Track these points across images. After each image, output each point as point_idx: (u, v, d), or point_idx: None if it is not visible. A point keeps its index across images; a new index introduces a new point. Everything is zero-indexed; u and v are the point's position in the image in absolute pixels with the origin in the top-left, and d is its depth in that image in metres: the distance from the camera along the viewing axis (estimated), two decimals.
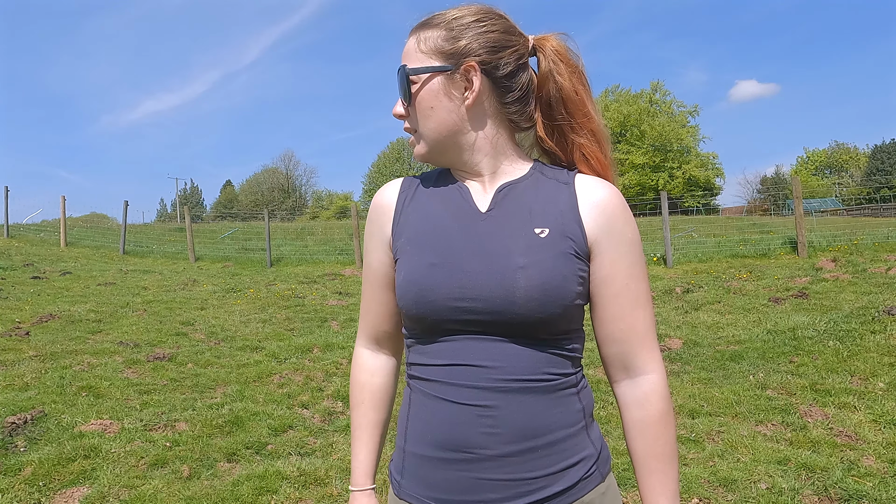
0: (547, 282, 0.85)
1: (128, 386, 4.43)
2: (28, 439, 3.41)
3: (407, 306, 0.90)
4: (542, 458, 0.85)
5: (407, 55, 0.95)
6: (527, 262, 0.85)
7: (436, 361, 0.90)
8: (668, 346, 5.58)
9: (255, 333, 6.44)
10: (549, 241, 0.88)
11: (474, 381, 0.86)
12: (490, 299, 0.85)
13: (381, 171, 54.96)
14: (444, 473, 0.87)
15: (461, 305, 0.86)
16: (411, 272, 0.90)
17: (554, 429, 0.87)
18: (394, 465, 0.98)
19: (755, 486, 2.88)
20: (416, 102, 0.94)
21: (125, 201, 15.29)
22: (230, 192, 68.13)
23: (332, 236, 18.63)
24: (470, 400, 0.86)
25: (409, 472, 0.92)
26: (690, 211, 37.97)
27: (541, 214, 0.91)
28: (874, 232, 11.03)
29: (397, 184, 1.02)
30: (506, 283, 0.84)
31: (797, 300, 6.66)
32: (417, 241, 0.93)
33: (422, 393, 0.92)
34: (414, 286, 0.89)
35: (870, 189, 42.32)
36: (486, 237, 0.90)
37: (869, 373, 4.24)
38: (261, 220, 20.41)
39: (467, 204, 0.94)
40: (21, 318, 6.56)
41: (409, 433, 0.93)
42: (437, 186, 0.99)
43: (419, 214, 0.96)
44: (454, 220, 0.93)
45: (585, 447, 0.90)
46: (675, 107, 46.03)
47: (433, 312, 0.87)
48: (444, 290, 0.86)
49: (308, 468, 3.22)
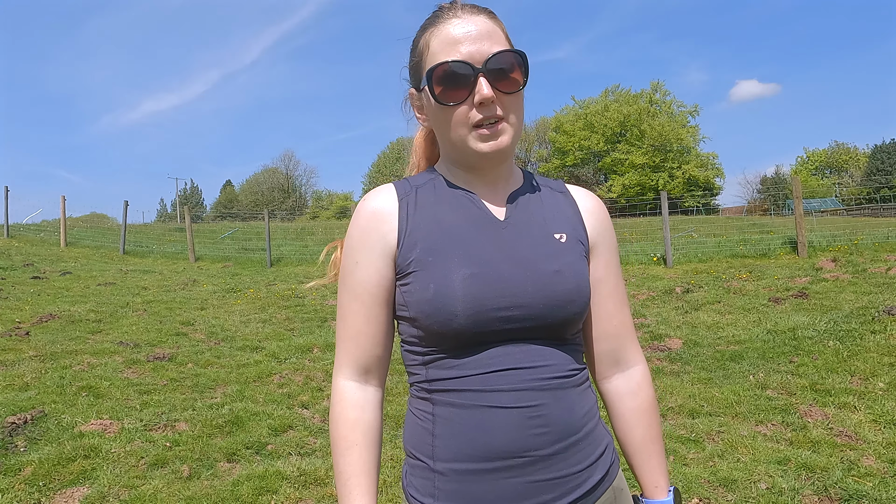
0: (580, 284, 0.89)
1: (128, 386, 4.43)
2: (28, 439, 3.41)
3: (443, 321, 0.83)
4: (582, 450, 0.87)
5: (501, 38, 0.89)
6: (560, 267, 0.89)
7: (471, 372, 0.85)
8: (668, 346, 5.58)
9: (255, 333, 6.44)
10: (569, 246, 0.92)
11: (517, 383, 0.84)
12: (531, 305, 0.85)
13: (381, 171, 54.94)
14: (493, 485, 0.83)
15: (504, 315, 0.84)
16: (446, 284, 0.84)
17: (586, 421, 0.89)
18: (418, 489, 0.89)
19: (755, 486, 2.88)
20: (520, 91, 0.89)
21: (125, 201, 15.30)
22: (230, 192, 68.12)
23: (332, 236, 18.62)
24: (517, 402, 0.84)
25: (447, 492, 0.85)
26: (690, 211, 37.97)
27: (554, 221, 0.95)
28: (874, 232, 11.04)
29: (391, 189, 0.94)
30: (545, 288, 0.86)
31: (797, 300, 6.66)
32: (440, 252, 0.87)
33: (452, 406, 0.86)
34: (452, 299, 0.83)
35: (870, 189, 42.32)
36: (513, 244, 0.90)
37: (869, 373, 4.24)
38: (261, 220, 20.41)
39: (482, 212, 0.92)
40: (21, 318, 6.56)
41: (439, 451, 0.86)
42: (440, 193, 0.94)
43: (431, 223, 0.90)
44: (476, 229, 0.90)
45: (605, 435, 0.94)
46: (675, 107, 46.02)
47: (475, 324, 0.83)
48: (487, 301, 0.84)
49: (308, 468, 3.22)
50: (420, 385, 0.91)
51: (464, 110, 0.87)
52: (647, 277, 9.18)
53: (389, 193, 0.94)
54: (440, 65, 0.86)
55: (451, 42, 0.87)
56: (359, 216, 0.93)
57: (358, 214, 0.93)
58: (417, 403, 0.92)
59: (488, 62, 0.86)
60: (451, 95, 0.87)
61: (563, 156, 47.46)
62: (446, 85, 0.87)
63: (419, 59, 0.93)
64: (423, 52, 0.91)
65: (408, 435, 0.93)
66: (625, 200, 39.35)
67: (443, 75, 0.86)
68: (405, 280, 0.89)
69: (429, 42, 0.90)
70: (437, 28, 0.90)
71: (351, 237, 0.93)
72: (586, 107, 47.42)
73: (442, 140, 0.95)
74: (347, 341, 0.93)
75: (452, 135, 0.90)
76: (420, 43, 0.93)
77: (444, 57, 0.87)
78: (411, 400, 0.95)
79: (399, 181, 0.97)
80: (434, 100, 0.88)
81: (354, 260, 0.92)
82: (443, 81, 0.87)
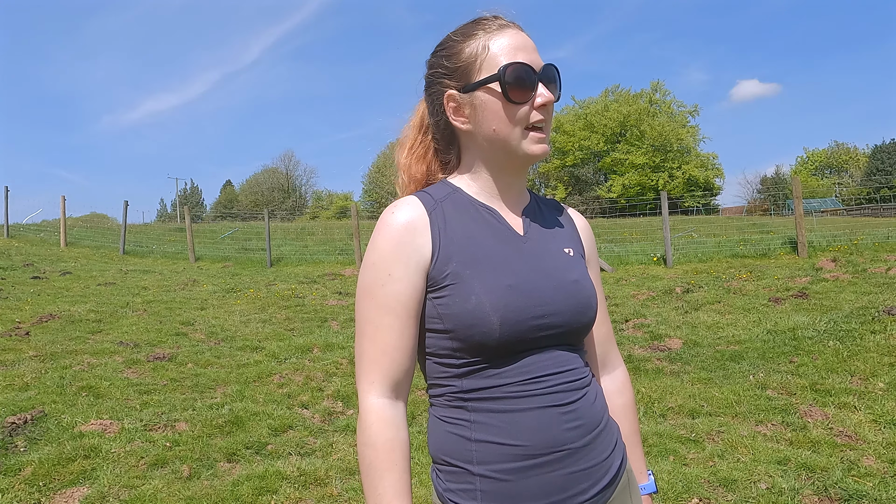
0: (593, 292, 0.99)
1: (128, 386, 4.43)
2: (28, 439, 3.41)
3: (486, 332, 0.87)
4: (605, 439, 0.96)
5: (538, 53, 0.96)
6: (577, 277, 0.98)
7: (510, 380, 0.90)
8: (668, 346, 5.58)
9: (255, 333, 6.44)
10: (577, 259, 1.02)
11: (552, 386, 0.91)
12: (562, 313, 0.93)
13: (382, 171, 54.85)
14: (535, 480, 0.88)
15: (539, 322, 0.90)
16: (490, 295, 0.88)
17: (603, 412, 0.99)
18: (458, 494, 0.90)
19: (755, 486, 2.88)
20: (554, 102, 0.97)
21: (125, 201, 15.31)
22: (230, 192, 68.10)
23: (332, 236, 18.61)
24: (552, 402, 0.90)
25: (491, 493, 0.88)
26: (690, 211, 37.97)
27: (562, 236, 1.04)
28: (874, 232, 11.03)
29: (417, 203, 0.95)
30: (571, 297, 0.95)
31: (797, 300, 6.66)
32: (476, 264, 0.91)
33: (492, 412, 0.89)
34: (498, 310, 0.87)
35: (870, 189, 42.31)
36: (536, 257, 0.97)
37: (869, 373, 4.24)
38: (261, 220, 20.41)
39: (504, 227, 0.98)
40: (21, 318, 6.56)
41: (479, 456, 0.89)
42: (460, 208, 0.97)
43: (463, 236, 0.93)
44: (502, 243, 0.96)
45: (615, 423, 1.04)
46: (675, 107, 46.04)
47: (516, 334, 0.88)
48: (525, 310, 0.89)
49: (308, 468, 3.22)
50: (453, 395, 0.92)
51: (525, 110, 0.93)
52: (647, 277, 9.18)
53: (418, 206, 0.94)
54: (513, 63, 0.92)
55: (513, 48, 0.93)
56: (389, 228, 0.92)
57: (388, 227, 0.92)
58: (448, 412, 0.93)
59: (543, 70, 0.94)
60: (520, 94, 0.92)
61: (563, 156, 47.43)
62: (516, 84, 0.92)
63: (471, 62, 0.95)
64: (479, 55, 0.95)
65: (438, 443, 0.93)
66: (625, 200, 39.36)
67: (514, 73, 0.92)
68: (440, 293, 0.90)
69: (487, 45, 0.94)
70: (492, 35, 0.95)
71: (381, 249, 0.91)
72: (586, 107, 47.40)
73: (490, 140, 0.96)
74: (379, 357, 0.91)
75: (509, 133, 0.94)
76: (471, 47, 0.96)
77: (511, 59, 0.92)
78: (437, 409, 0.95)
79: (421, 193, 0.98)
80: (504, 97, 0.92)
81: (387, 272, 0.90)
82: (514, 80, 0.92)
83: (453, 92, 0.97)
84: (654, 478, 1.13)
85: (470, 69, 0.95)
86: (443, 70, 0.98)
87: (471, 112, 0.96)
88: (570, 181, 48.50)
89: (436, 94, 1.00)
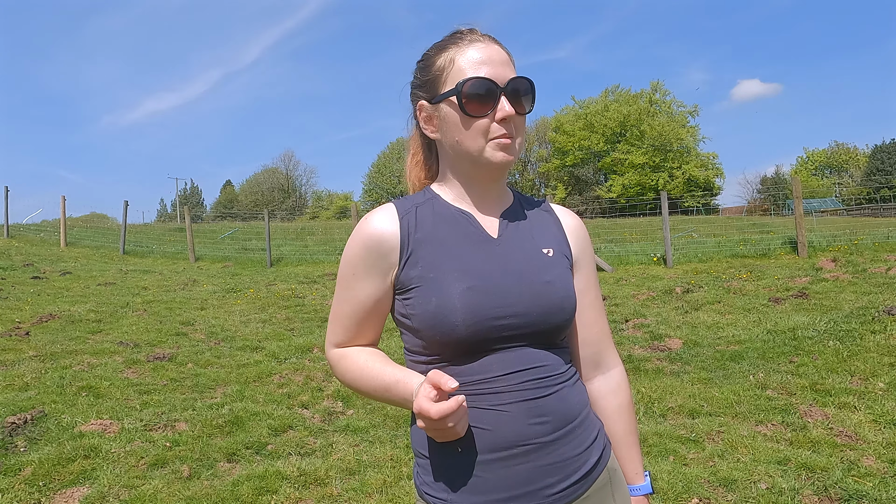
0: (568, 293, 0.99)
1: (128, 386, 4.43)
2: (28, 439, 3.41)
3: (446, 332, 0.91)
4: (579, 436, 0.97)
5: (513, 67, 1.00)
6: (551, 278, 0.98)
7: (474, 377, 0.93)
8: (668, 346, 5.58)
9: (255, 333, 6.44)
10: (556, 260, 1.02)
11: (517, 383, 0.93)
12: (526, 313, 0.94)
13: (381, 172, 54.94)
14: (503, 472, 0.91)
15: (501, 323, 0.92)
16: (448, 298, 0.91)
17: (580, 409, 0.99)
18: (430, 485, 0.95)
19: (755, 486, 2.88)
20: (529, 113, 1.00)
21: (125, 201, 15.31)
22: (230, 192, 68.10)
23: (332, 236, 18.62)
24: (517, 399, 0.92)
25: (457, 485, 0.92)
26: (690, 211, 37.98)
27: (542, 237, 1.05)
28: (874, 232, 11.04)
29: (392, 211, 1.01)
30: (539, 297, 0.95)
31: (797, 300, 6.66)
32: (440, 268, 0.95)
33: None
34: (453, 311, 0.90)
35: (870, 189, 42.33)
36: (507, 259, 0.98)
37: (869, 373, 4.24)
38: (261, 220, 20.40)
39: (477, 230, 1.01)
40: (21, 318, 6.56)
41: (446, 448, 0.93)
42: (438, 213, 1.02)
43: (432, 242, 0.98)
44: (472, 246, 0.99)
45: (597, 421, 1.05)
46: (675, 107, 46.03)
47: (475, 333, 0.91)
48: (485, 311, 0.91)
49: (308, 468, 3.22)
50: None
51: (485, 123, 0.96)
52: (647, 277, 9.18)
53: (389, 216, 1.00)
54: (471, 78, 0.94)
55: (478, 62, 0.96)
56: (360, 233, 0.99)
57: (359, 232, 1.00)
58: None
59: (509, 84, 0.96)
60: (477, 108, 0.95)
61: (563, 156, 47.46)
62: (474, 98, 0.95)
63: (438, 74, 0.99)
64: (446, 68, 0.98)
65: (415, 437, 1.00)
66: (625, 200, 39.36)
67: (472, 88, 0.94)
68: (408, 295, 0.96)
69: (454, 59, 0.98)
70: (461, 48, 0.98)
71: (351, 249, 1.01)
72: (586, 107, 47.40)
73: (454, 150, 1.01)
74: (336, 324, 1.04)
75: (470, 144, 0.97)
76: (440, 60, 1.00)
77: (473, 73, 0.95)
78: None
79: (399, 200, 1.05)
80: (461, 110, 0.95)
81: (352, 271, 1.01)
82: (471, 94, 0.94)
83: (423, 102, 1.03)
84: (650, 479, 1.13)
85: (437, 81, 1.00)
86: (417, 81, 1.04)
87: (439, 123, 1.01)
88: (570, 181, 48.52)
89: (413, 104, 1.07)
